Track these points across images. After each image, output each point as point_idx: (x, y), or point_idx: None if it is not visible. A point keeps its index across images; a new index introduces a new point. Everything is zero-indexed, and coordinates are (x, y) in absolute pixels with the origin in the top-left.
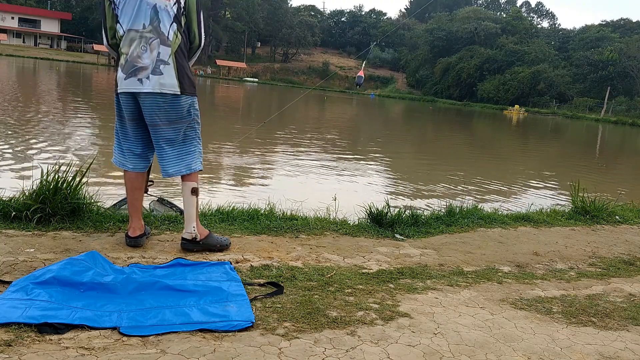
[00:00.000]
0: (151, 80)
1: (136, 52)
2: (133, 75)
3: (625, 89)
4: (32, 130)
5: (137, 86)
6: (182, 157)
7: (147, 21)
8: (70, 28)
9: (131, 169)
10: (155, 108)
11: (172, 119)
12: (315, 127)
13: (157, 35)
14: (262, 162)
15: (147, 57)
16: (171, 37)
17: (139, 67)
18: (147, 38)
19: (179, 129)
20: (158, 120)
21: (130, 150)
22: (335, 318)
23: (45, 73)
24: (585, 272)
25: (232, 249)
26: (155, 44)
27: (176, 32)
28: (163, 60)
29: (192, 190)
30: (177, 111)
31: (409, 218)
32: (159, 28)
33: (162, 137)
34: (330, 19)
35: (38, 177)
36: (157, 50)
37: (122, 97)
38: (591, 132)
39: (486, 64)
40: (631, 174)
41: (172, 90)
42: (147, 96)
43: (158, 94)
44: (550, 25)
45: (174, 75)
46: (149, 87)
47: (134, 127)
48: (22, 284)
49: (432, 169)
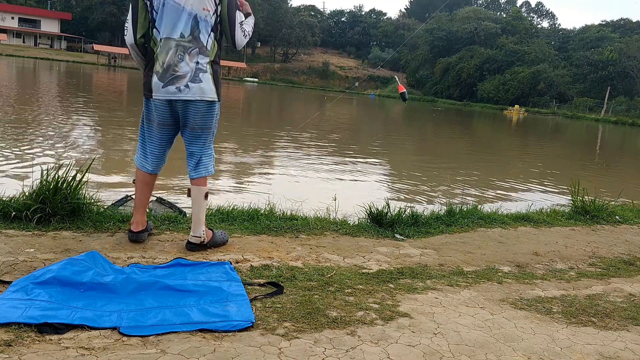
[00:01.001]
0: (191, 89)
1: (174, 61)
2: (171, 84)
3: (625, 89)
4: (32, 130)
5: (177, 94)
6: (204, 159)
7: (188, 31)
8: (70, 28)
9: (150, 171)
10: (196, 114)
11: (206, 125)
12: (315, 127)
13: (197, 45)
14: (262, 162)
15: (186, 66)
16: (209, 47)
17: (177, 75)
18: (186, 47)
19: (209, 134)
20: (195, 124)
21: (153, 152)
22: (335, 318)
23: (46, 73)
24: (585, 272)
25: (232, 249)
26: (194, 53)
27: (213, 41)
28: (202, 69)
29: (206, 195)
30: (212, 116)
31: (409, 218)
32: (199, 38)
33: (197, 141)
34: (330, 19)
35: (38, 177)
36: (196, 59)
37: (157, 103)
38: (591, 132)
39: (486, 64)
40: (631, 174)
41: (211, 97)
42: (188, 104)
43: (199, 101)
44: (550, 25)
45: (212, 83)
46: (190, 95)
47: (162, 131)
48: (22, 284)
49: (432, 169)
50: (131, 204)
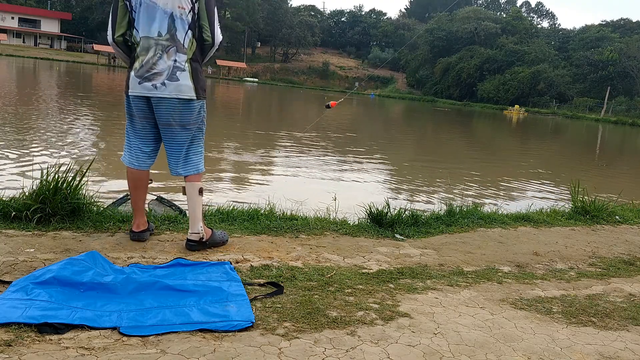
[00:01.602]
0: (167, 86)
1: (152, 59)
2: (147, 81)
3: (625, 89)
4: (33, 130)
5: (152, 91)
6: (191, 157)
7: (165, 29)
8: (70, 28)
9: (137, 167)
10: (171, 111)
11: (185, 122)
12: (315, 127)
13: (174, 43)
14: (262, 162)
15: (164, 64)
16: (187, 45)
17: (154, 72)
18: (164, 46)
19: (190, 131)
20: (172, 121)
21: (140, 148)
22: (335, 318)
23: (46, 73)
24: (585, 272)
25: (232, 249)
26: (172, 51)
27: (191, 39)
28: (179, 67)
29: (199, 190)
30: (191, 114)
31: (409, 218)
32: (176, 36)
33: (174, 139)
34: (330, 19)
35: (38, 177)
36: (174, 58)
37: (134, 99)
38: (591, 132)
39: (486, 64)
40: (631, 174)
41: (189, 95)
42: (163, 101)
43: (175, 99)
44: (550, 25)
45: (190, 81)
46: (166, 93)
47: (144, 125)
48: (22, 284)
49: (433, 168)
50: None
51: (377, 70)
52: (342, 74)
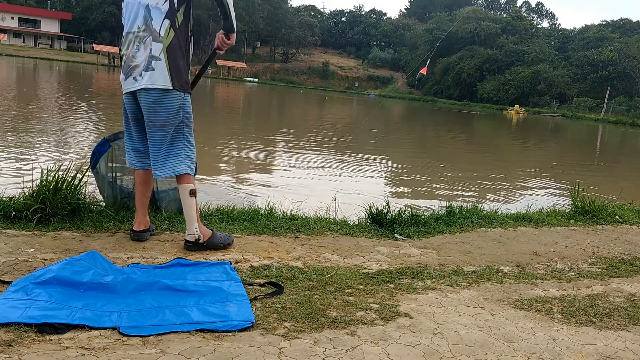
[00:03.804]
0: (144, 77)
1: (131, 52)
2: (130, 75)
3: (625, 89)
4: (33, 130)
5: (133, 84)
6: (168, 159)
7: (141, 21)
8: (70, 28)
9: (137, 167)
10: (150, 103)
11: (162, 119)
12: (315, 126)
13: (150, 33)
14: (262, 162)
15: (141, 56)
16: (162, 33)
17: (133, 65)
18: (141, 37)
19: (167, 131)
20: (151, 116)
21: (135, 148)
22: (335, 318)
23: (46, 73)
24: (585, 272)
25: (232, 249)
26: (148, 41)
27: (168, 28)
28: (154, 56)
29: (190, 192)
30: (168, 109)
31: (409, 218)
32: (151, 26)
33: (152, 137)
34: (330, 19)
35: (38, 177)
36: (150, 47)
37: (125, 97)
38: (591, 132)
39: (486, 64)
40: (631, 174)
41: (164, 85)
42: (141, 92)
43: (151, 89)
44: (550, 25)
45: (166, 70)
46: (143, 84)
47: (136, 125)
48: (22, 284)
49: (433, 168)
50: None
51: (377, 71)
52: (342, 74)
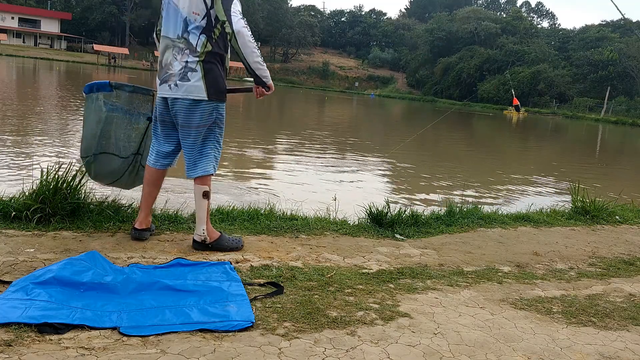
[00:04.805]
0: (179, 87)
1: (168, 60)
2: (165, 82)
3: (625, 89)
4: (33, 130)
5: (167, 92)
6: (199, 160)
7: (180, 32)
8: (70, 28)
9: (151, 165)
10: (182, 111)
11: (194, 122)
12: (315, 126)
13: (187, 46)
14: (262, 162)
15: (177, 65)
16: (199, 49)
17: (170, 74)
18: (179, 48)
19: (200, 132)
20: (184, 122)
21: (158, 148)
22: (335, 318)
23: (46, 73)
24: (585, 272)
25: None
26: (186, 53)
27: (205, 42)
28: (190, 68)
29: (204, 193)
30: (201, 115)
31: (409, 218)
32: (189, 39)
33: (185, 140)
34: (330, 19)
35: (38, 177)
36: (186, 59)
37: (157, 100)
38: (591, 132)
39: (486, 64)
40: (631, 174)
41: (198, 96)
42: (176, 101)
43: (185, 99)
44: (550, 25)
45: (201, 82)
46: (179, 94)
47: (163, 127)
48: (22, 284)
49: (432, 168)
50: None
51: (377, 71)
52: (342, 74)
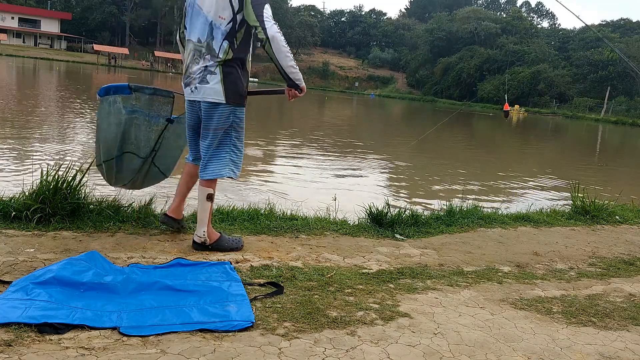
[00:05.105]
0: (199, 90)
1: (190, 63)
2: (188, 85)
3: (625, 89)
4: (33, 130)
5: (189, 95)
6: (211, 162)
7: (204, 36)
8: (70, 28)
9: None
10: (204, 111)
11: (213, 126)
12: (315, 126)
13: (209, 52)
14: (262, 162)
15: (198, 69)
16: (221, 55)
17: (191, 77)
18: (201, 52)
19: (216, 135)
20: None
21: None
22: (335, 318)
23: (46, 73)
24: (585, 272)
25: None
26: (207, 58)
27: (227, 49)
28: (210, 71)
29: (208, 196)
30: (219, 118)
31: (409, 218)
32: (212, 44)
33: (205, 141)
34: (330, 19)
35: (38, 177)
36: (206, 63)
37: (185, 104)
38: (591, 132)
39: (486, 64)
40: (631, 174)
41: (216, 99)
42: (195, 103)
43: (204, 102)
44: (550, 25)
45: (219, 85)
46: (199, 96)
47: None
48: (22, 284)
49: (432, 168)
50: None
51: (377, 71)
52: (342, 74)
